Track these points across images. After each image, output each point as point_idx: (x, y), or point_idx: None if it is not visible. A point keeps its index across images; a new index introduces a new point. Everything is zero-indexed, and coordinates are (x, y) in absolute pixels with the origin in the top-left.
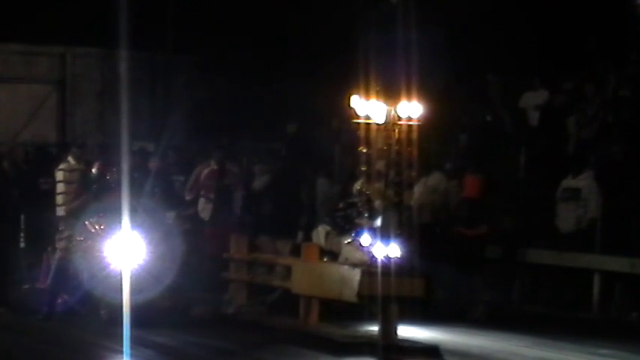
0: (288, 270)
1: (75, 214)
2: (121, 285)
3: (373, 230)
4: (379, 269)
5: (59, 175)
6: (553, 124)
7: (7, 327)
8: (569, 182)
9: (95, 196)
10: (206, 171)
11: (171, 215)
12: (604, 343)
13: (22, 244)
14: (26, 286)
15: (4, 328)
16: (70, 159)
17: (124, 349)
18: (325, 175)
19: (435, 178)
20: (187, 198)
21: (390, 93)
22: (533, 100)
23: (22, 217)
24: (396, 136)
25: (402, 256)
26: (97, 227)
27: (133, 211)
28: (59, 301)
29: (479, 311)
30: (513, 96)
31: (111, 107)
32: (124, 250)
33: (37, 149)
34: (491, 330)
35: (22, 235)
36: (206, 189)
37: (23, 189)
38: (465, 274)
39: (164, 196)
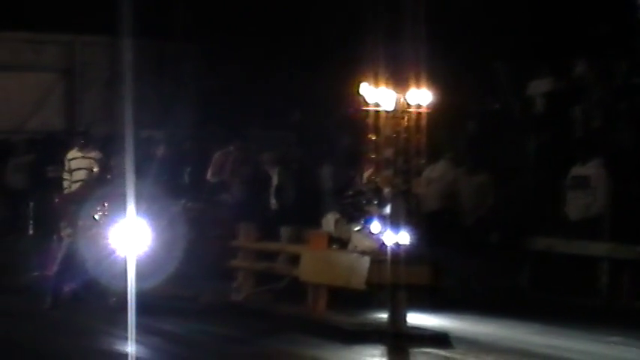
0: (296, 258)
1: (77, 201)
2: (126, 272)
3: (383, 218)
4: (388, 257)
5: (65, 164)
6: (560, 112)
7: (15, 314)
8: (577, 170)
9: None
10: (231, 158)
11: (179, 203)
12: (612, 330)
13: (31, 232)
14: (35, 274)
15: (11, 314)
16: (76, 147)
17: (130, 336)
18: (333, 162)
19: (442, 166)
20: (212, 181)
21: (400, 80)
22: (541, 87)
23: (31, 204)
24: (405, 123)
25: (411, 243)
26: (101, 214)
27: (139, 198)
28: (65, 288)
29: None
30: (522, 83)
31: (119, 95)
32: (129, 237)
33: (45, 137)
34: (500, 317)
35: (30, 222)
36: (235, 175)
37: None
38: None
39: (171, 184)
